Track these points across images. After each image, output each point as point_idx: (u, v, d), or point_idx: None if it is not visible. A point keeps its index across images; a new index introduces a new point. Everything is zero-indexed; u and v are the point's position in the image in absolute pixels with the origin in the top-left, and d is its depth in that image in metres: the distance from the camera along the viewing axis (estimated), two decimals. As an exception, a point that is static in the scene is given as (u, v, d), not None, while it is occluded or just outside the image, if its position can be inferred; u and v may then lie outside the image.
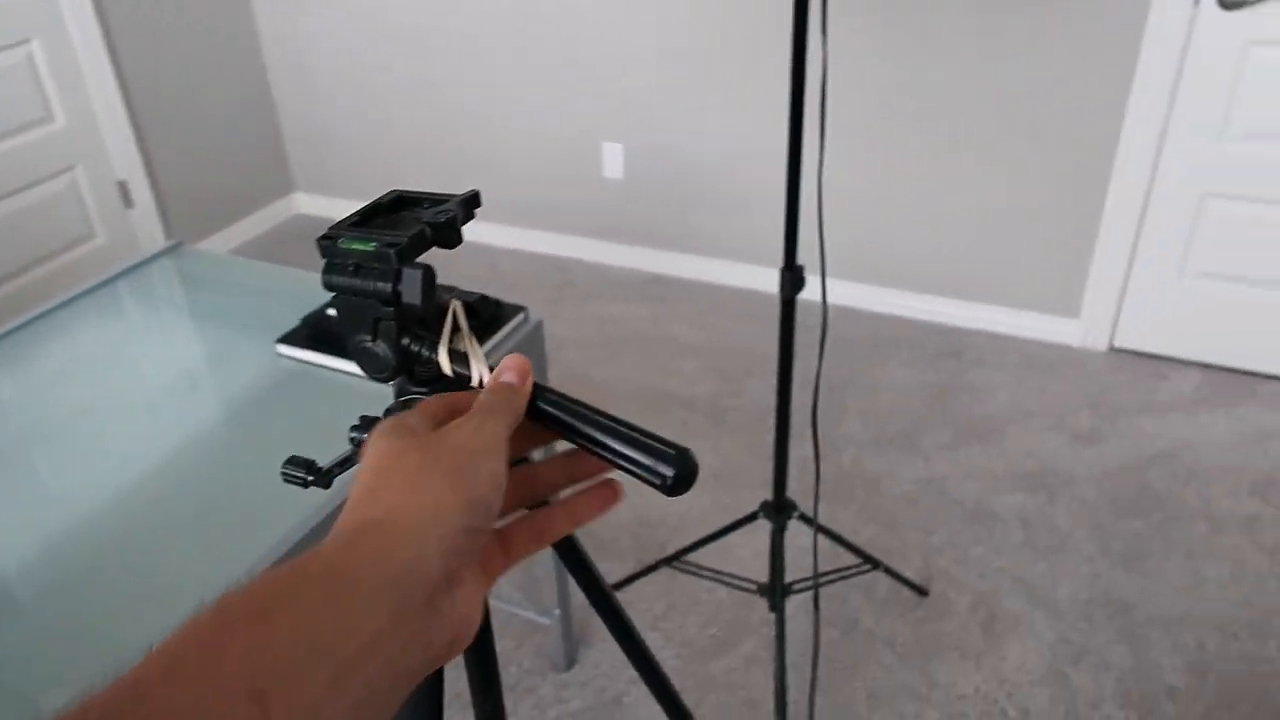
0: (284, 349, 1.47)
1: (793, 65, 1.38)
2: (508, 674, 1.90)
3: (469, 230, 0.57)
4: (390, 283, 0.50)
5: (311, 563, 0.37)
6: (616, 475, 0.51)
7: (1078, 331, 2.82)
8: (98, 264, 3.16)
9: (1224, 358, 2.69)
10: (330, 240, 0.51)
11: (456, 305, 0.54)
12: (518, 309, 1.50)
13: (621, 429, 0.49)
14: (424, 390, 0.55)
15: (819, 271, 1.42)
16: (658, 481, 0.47)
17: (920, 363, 2.79)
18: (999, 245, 2.81)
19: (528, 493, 0.52)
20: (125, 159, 3.21)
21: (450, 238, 0.54)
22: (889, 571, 1.96)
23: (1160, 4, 2.36)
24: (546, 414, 0.50)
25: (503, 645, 1.96)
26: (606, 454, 0.48)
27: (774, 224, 3.07)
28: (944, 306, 2.96)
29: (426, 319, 0.52)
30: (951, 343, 2.87)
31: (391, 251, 0.50)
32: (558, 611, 1.83)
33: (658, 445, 0.48)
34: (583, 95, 3.16)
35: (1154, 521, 2.18)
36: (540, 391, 0.51)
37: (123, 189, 3.23)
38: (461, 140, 3.46)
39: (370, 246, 0.51)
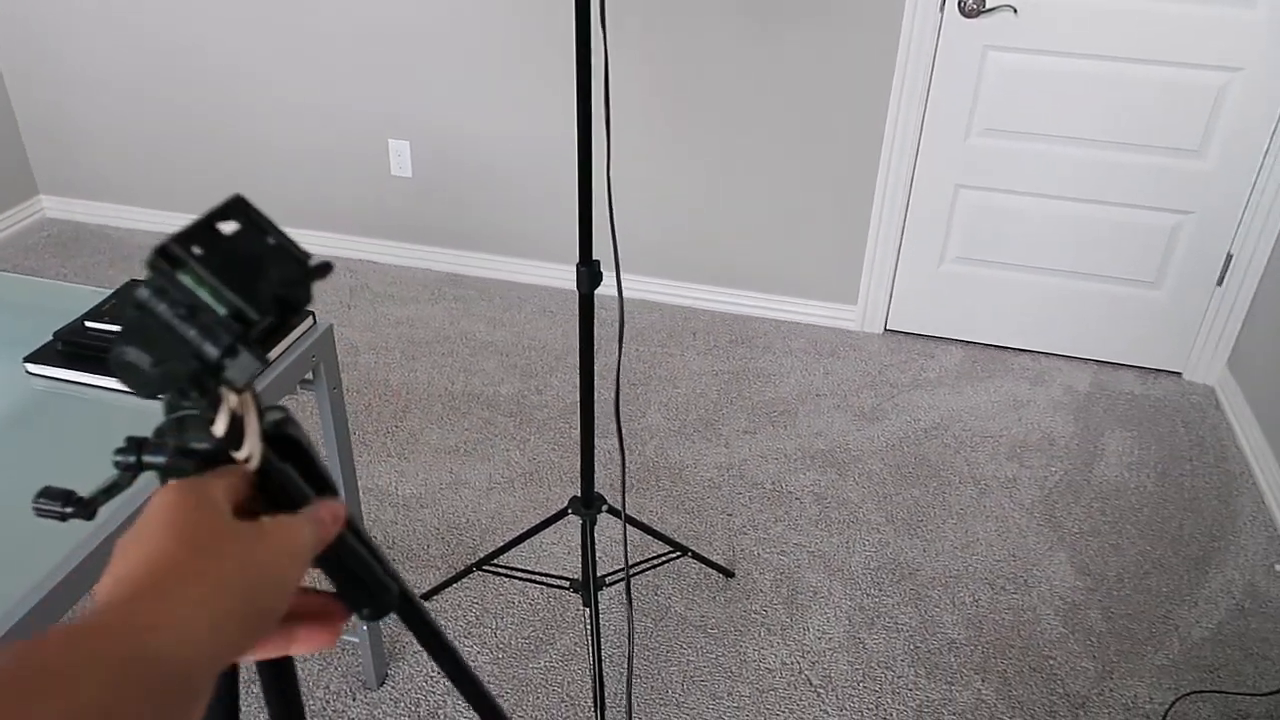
0: (34, 368, 1.33)
1: (577, 64, 1.38)
2: (314, 698, 1.81)
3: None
4: (220, 352, 0.45)
5: (111, 633, 0.36)
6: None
7: (856, 316, 3.01)
8: None
9: (981, 335, 2.95)
10: (170, 264, 0.45)
11: (253, 389, 0.50)
12: (304, 313, 1.42)
13: (347, 558, 0.54)
14: (190, 408, 0.50)
15: (614, 266, 1.44)
16: (357, 613, 0.54)
17: (715, 351, 2.88)
18: (782, 239, 2.95)
19: None
20: None
21: (292, 319, 0.49)
22: (696, 556, 2.02)
23: (911, 11, 2.55)
24: (288, 498, 0.53)
25: (308, 668, 1.85)
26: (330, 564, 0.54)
27: (565, 220, 3.08)
28: (733, 297, 3.07)
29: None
30: (742, 331, 2.99)
31: (239, 326, 0.45)
32: (364, 628, 1.75)
33: (371, 580, 0.54)
34: (367, 91, 3.04)
35: (930, 489, 2.36)
36: (276, 473, 0.53)
37: None
38: (233, 137, 3.24)
39: (220, 307, 0.45)
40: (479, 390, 2.67)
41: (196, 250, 0.46)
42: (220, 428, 0.48)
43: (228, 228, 0.48)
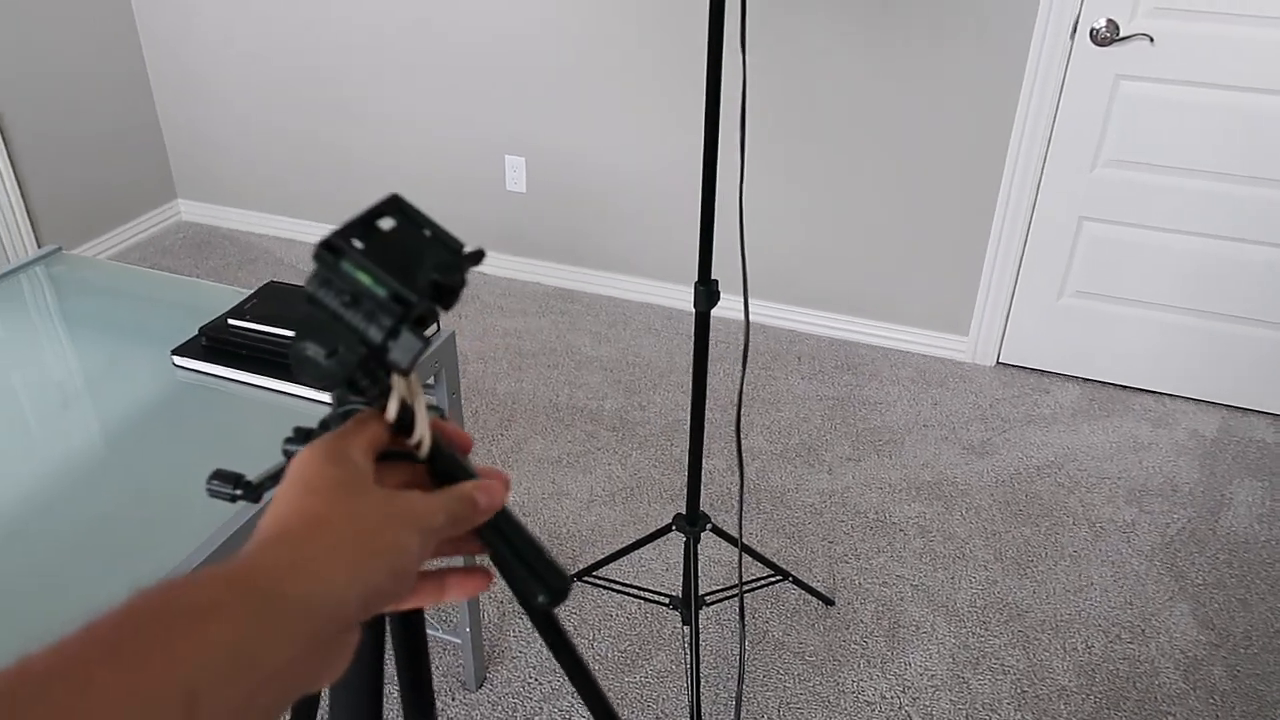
0: (180, 360, 1.40)
1: (707, 83, 1.39)
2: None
3: None
4: (383, 335, 0.47)
5: (255, 572, 0.38)
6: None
7: (967, 347, 2.94)
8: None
9: (1100, 373, 2.84)
10: (334, 256, 0.48)
11: (418, 377, 0.53)
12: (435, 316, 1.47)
13: (516, 539, 0.54)
14: (362, 401, 0.52)
15: (734, 287, 1.44)
16: (530, 600, 0.54)
17: (820, 376, 2.85)
18: (893, 265, 2.91)
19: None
20: (-9, 159, 3.00)
21: (449, 302, 0.52)
22: (797, 582, 1.99)
23: (1039, 39, 2.49)
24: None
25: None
26: (494, 548, 0.54)
27: (673, 239, 3.10)
28: (841, 322, 3.04)
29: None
30: (848, 357, 2.95)
31: (400, 309, 0.47)
32: (468, 630, 1.78)
33: (541, 565, 0.54)
34: (484, 107, 3.13)
35: (1042, 529, 2.28)
36: (445, 460, 0.54)
37: (-12, 191, 3.02)
38: (358, 150, 3.38)
39: (380, 290, 0.47)
40: (583, 404, 2.70)
41: (356, 243, 0.49)
42: (392, 413, 0.50)
43: (385, 223, 0.51)
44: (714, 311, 3.00)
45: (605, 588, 2.04)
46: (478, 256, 0.52)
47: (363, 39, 3.17)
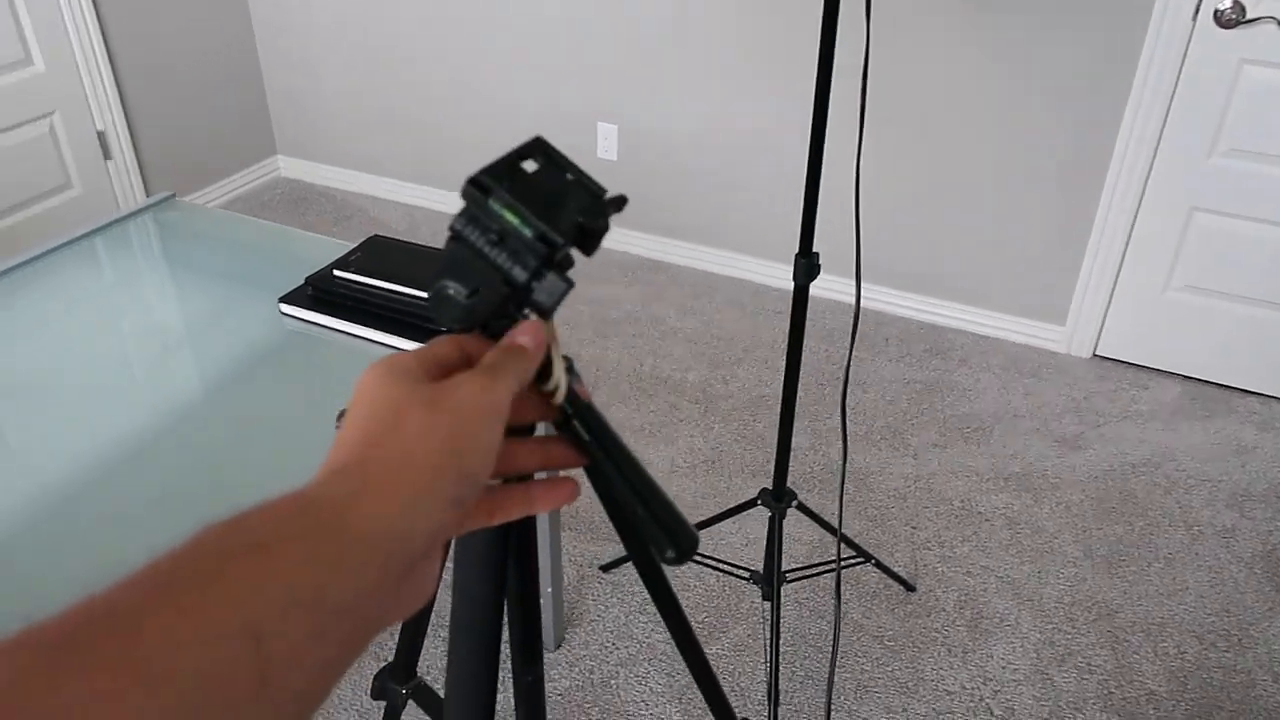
0: (287, 308, 1.43)
1: (821, 51, 1.36)
2: (492, 652, 1.87)
3: (448, 201, 0.54)
4: (528, 275, 0.47)
5: (315, 504, 0.36)
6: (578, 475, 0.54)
7: (1063, 338, 2.85)
8: (73, 215, 3.07)
9: (1204, 371, 2.73)
10: (482, 193, 0.47)
11: (553, 324, 0.52)
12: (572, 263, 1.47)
13: (647, 492, 0.53)
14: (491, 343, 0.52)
15: (855, 267, 1.41)
16: (659, 555, 0.52)
17: (908, 360, 2.79)
18: (990, 250, 2.83)
19: (499, 468, 0.50)
20: (105, 109, 3.11)
21: (591, 247, 0.51)
22: (880, 565, 1.96)
23: (1159, 20, 2.38)
24: (580, 440, 0.52)
25: (486, 623, 1.93)
26: (623, 501, 0.52)
27: (765, 213, 3.06)
28: (932, 306, 2.97)
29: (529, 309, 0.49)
30: (938, 341, 2.89)
31: (545, 249, 0.47)
32: (549, 590, 1.80)
33: (672, 522, 0.52)
34: (578, 74, 3.12)
35: (1136, 528, 2.20)
36: (582, 410, 0.52)
37: (101, 140, 3.14)
38: (451, 115, 3.41)
39: (527, 230, 0.47)
40: (666, 374, 2.69)
41: (502, 182, 0.48)
42: None
43: (529, 165, 0.51)
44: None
45: (683, 558, 2.04)
46: (620, 202, 0.52)
47: (459, 4, 3.18)
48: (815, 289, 3.03)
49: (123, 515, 1.07)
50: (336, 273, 1.46)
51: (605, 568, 2.05)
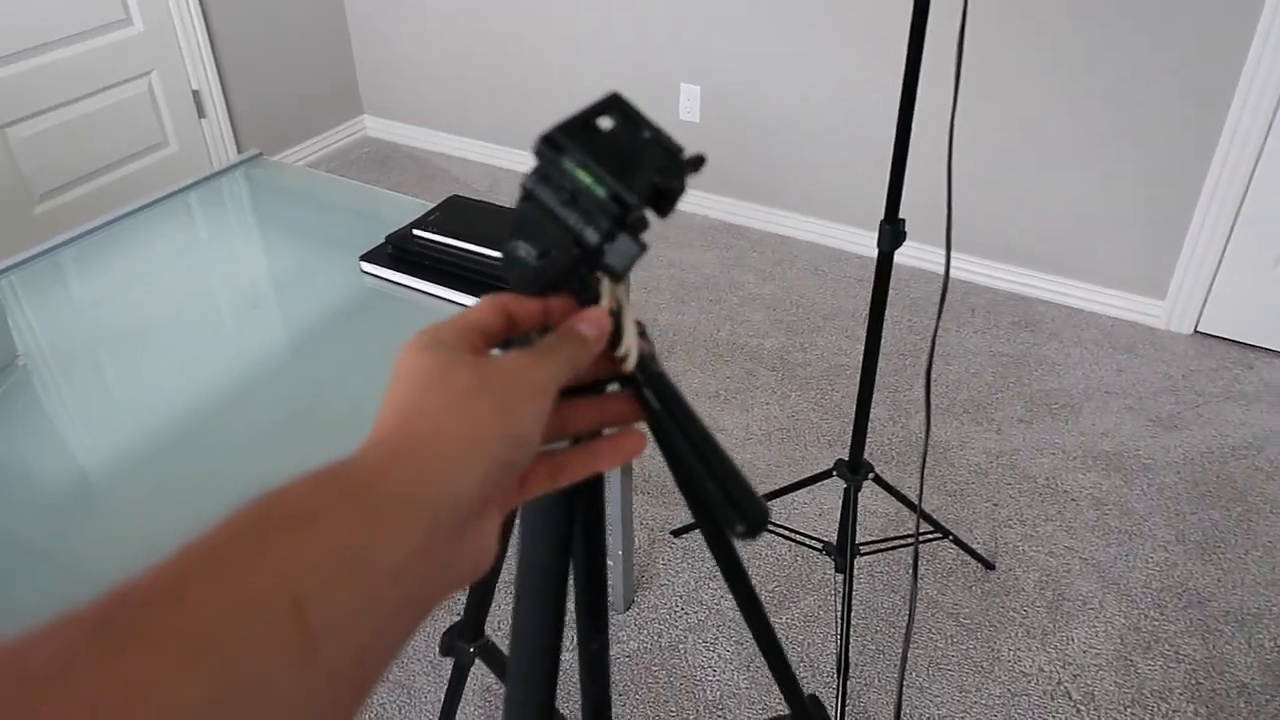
0: (367, 267, 1.44)
1: (914, 13, 1.30)
2: (562, 612, 1.89)
3: (529, 160, 0.52)
4: (600, 237, 0.45)
5: (354, 471, 0.35)
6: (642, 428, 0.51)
7: (1162, 312, 2.72)
8: (169, 172, 3.16)
9: (1316, 350, 2.58)
10: (555, 152, 0.45)
11: (624, 287, 0.50)
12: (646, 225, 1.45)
13: (717, 464, 0.50)
14: (583, 296, 0.50)
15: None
16: (728, 529, 0.49)
17: (994, 331, 2.70)
18: (1087, 218, 2.71)
19: (556, 429, 0.49)
20: (200, 69, 3.18)
21: (666, 209, 0.48)
22: (957, 542, 1.92)
23: (1293, -30, 2.22)
24: (648, 404, 0.49)
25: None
26: (692, 472, 0.50)
27: (848, 179, 2.98)
28: (1021, 276, 2.86)
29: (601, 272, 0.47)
30: (1027, 313, 2.78)
31: (618, 210, 0.45)
32: (619, 552, 1.81)
33: (742, 495, 0.49)
34: (662, 34, 3.07)
35: (1234, 514, 2.10)
36: (653, 378, 0.49)
37: (196, 99, 3.22)
38: (534, 75, 3.39)
39: (600, 190, 0.45)
40: (744, 341, 2.66)
41: (576, 140, 0.46)
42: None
43: (604, 122, 0.48)
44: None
45: (756, 527, 2.02)
46: (698, 162, 0.49)
47: (548, -41, 3.15)
48: (900, 256, 2.95)
49: (209, 463, 1.10)
50: (416, 232, 1.47)
51: (676, 532, 2.05)
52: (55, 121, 2.84)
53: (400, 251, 1.45)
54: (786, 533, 1.99)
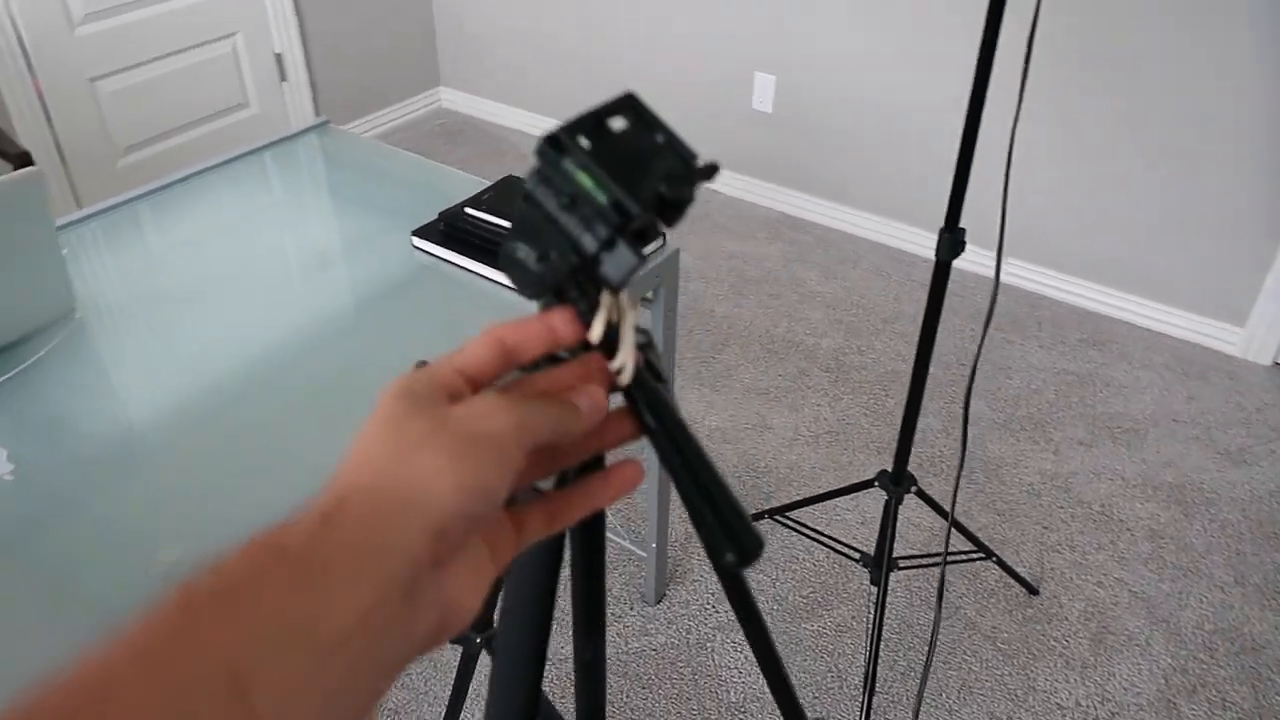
0: (418, 242, 1.45)
1: (988, 12, 1.24)
2: (592, 599, 1.89)
3: None
4: (598, 245, 0.43)
5: (288, 534, 0.33)
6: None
7: (1240, 340, 2.60)
8: (248, 133, 3.22)
9: (1407, 393, 2.44)
10: (557, 152, 0.43)
11: (634, 303, 0.48)
12: (657, 233, 1.43)
13: (713, 488, 0.47)
14: (584, 302, 0.48)
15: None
16: (718, 557, 0.47)
17: (1059, 347, 2.62)
18: (1166, 236, 2.59)
19: (551, 464, 0.46)
20: (284, 33, 3.23)
21: (673, 218, 0.46)
22: (1001, 564, 1.86)
23: None
24: (643, 422, 0.47)
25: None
26: (686, 495, 0.47)
27: (920, 180, 2.91)
28: (1092, 291, 2.76)
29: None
30: (1095, 330, 2.69)
31: (619, 218, 0.42)
32: (653, 545, 1.79)
33: (736, 522, 0.47)
34: (740, 20, 3.02)
35: (1300, 558, 2.00)
36: (648, 394, 0.46)
37: (279, 62, 3.27)
38: (609, 55, 3.37)
39: (601, 196, 0.43)
40: (800, 339, 2.62)
41: (583, 141, 0.44)
42: (596, 333, 0.46)
43: (617, 123, 0.46)
44: (956, 264, 2.81)
45: (795, 530, 1.99)
46: (711, 171, 0.47)
47: (631, -60, 3.13)
48: (969, 264, 2.87)
49: (250, 425, 1.11)
50: (468, 210, 1.47)
51: (714, 529, 2.03)
52: (143, 77, 2.92)
53: (451, 228, 1.45)
54: (825, 539, 1.96)
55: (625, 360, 0.47)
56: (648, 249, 0.45)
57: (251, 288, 1.36)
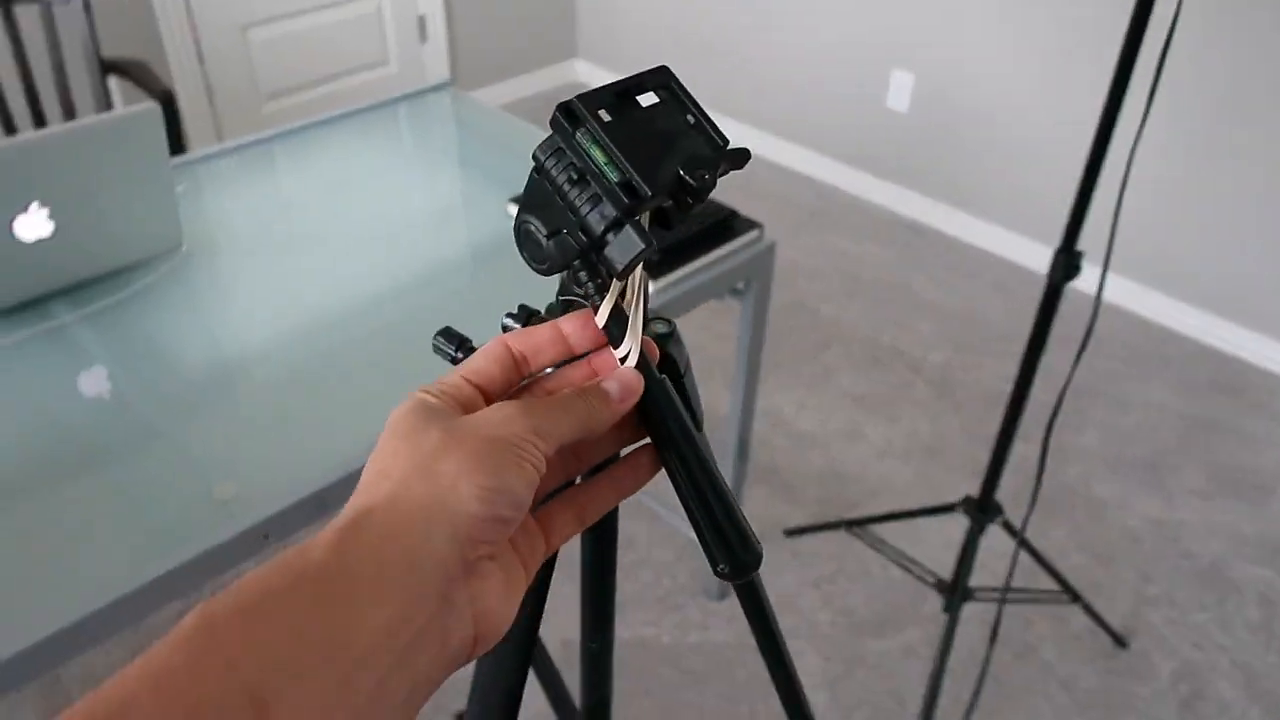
0: (513, 209, 1.45)
1: (1131, 23, 1.15)
2: (659, 586, 1.87)
3: (725, 129, 0.46)
4: (603, 226, 0.40)
5: (306, 553, 0.32)
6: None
7: (1400, 403, 2.37)
8: (383, 90, 3.30)
9: None
10: (572, 121, 0.41)
11: (645, 280, 0.45)
12: (753, 225, 1.39)
13: (712, 497, 0.45)
14: (581, 294, 0.46)
15: (1100, 261, 1.22)
16: (711, 565, 0.46)
17: (1185, 388, 2.44)
18: (1330, 281, 2.38)
19: (576, 465, 0.45)
20: (428, -6, 3.30)
21: (687, 206, 0.43)
22: (1088, 610, 1.75)
23: None
24: (646, 416, 0.45)
25: (662, 555, 1.93)
26: (684, 500, 0.46)
27: (1054, 194, 2.75)
28: (1228, 331, 2.56)
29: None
30: (1232, 375, 2.49)
31: (629, 199, 0.40)
32: (720, 542, 1.76)
33: (734, 533, 0.45)
34: (878, 15, 2.91)
35: None
36: (654, 388, 0.44)
37: (421, 23, 3.34)
38: (746, 42, 3.31)
39: (612, 173, 0.40)
40: (906, 348, 2.53)
41: (604, 114, 0.41)
42: (601, 318, 0.44)
43: (646, 98, 0.43)
44: (1080, 286, 2.65)
45: (874, 547, 1.93)
46: (740, 157, 0.43)
47: (780, -76, 3.05)
48: (1095, 286, 2.70)
49: (332, 371, 1.14)
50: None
51: (790, 532, 1.98)
52: (291, 28, 3.03)
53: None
54: (902, 560, 1.88)
55: (631, 348, 0.45)
56: (730, 245, 0.42)
57: (354, 238, 1.39)
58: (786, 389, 2.37)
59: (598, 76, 3.87)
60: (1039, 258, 2.86)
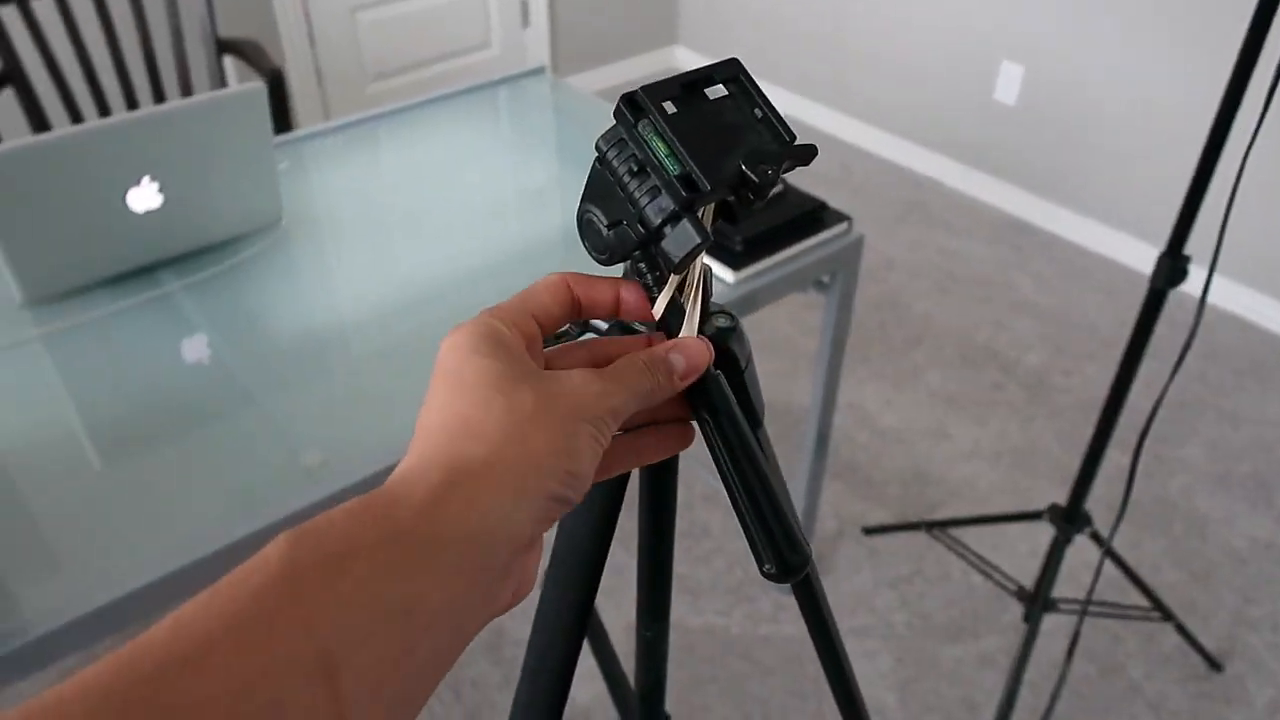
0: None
1: (1254, 17, 1.08)
2: (731, 575, 1.87)
3: (827, 119, 0.46)
4: (660, 217, 0.40)
5: (396, 505, 0.31)
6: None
7: None
8: (485, 73, 3.35)
9: None
10: (635, 111, 0.40)
11: (707, 273, 0.45)
12: (842, 217, 1.37)
13: (761, 497, 0.45)
14: (651, 275, 0.46)
15: (1208, 266, 1.16)
16: (758, 564, 0.46)
17: (1308, 405, 2.31)
18: None
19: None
20: (534, -21, 3.33)
21: (749, 202, 0.42)
22: (1181, 630, 1.68)
23: None
24: (696, 411, 0.44)
25: (736, 545, 1.92)
26: (734, 499, 0.45)
27: (1166, 194, 2.62)
28: (1366, 348, 2.41)
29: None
30: (1360, 394, 2.35)
31: (687, 192, 0.39)
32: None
33: (783, 533, 0.45)
34: (990, 4, 2.82)
35: None
36: (706, 381, 0.43)
37: (524, 7, 3.38)
38: (853, 33, 3.25)
39: (672, 166, 0.40)
40: (1001, 350, 2.45)
41: (668, 106, 0.41)
42: (658, 310, 0.44)
43: (713, 91, 0.43)
44: (1192, 293, 2.52)
45: (952, 549, 1.88)
46: (807, 153, 0.43)
47: (890, -91, 2.98)
48: (1212, 297, 2.57)
49: (415, 350, 1.17)
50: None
51: (868, 530, 1.95)
52: (399, 11, 3.10)
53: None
54: (984, 565, 1.84)
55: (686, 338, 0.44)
56: (815, 237, 0.42)
57: (448, 218, 1.42)
58: (873, 385, 2.32)
59: (697, 64, 3.84)
60: (1148, 259, 2.73)
